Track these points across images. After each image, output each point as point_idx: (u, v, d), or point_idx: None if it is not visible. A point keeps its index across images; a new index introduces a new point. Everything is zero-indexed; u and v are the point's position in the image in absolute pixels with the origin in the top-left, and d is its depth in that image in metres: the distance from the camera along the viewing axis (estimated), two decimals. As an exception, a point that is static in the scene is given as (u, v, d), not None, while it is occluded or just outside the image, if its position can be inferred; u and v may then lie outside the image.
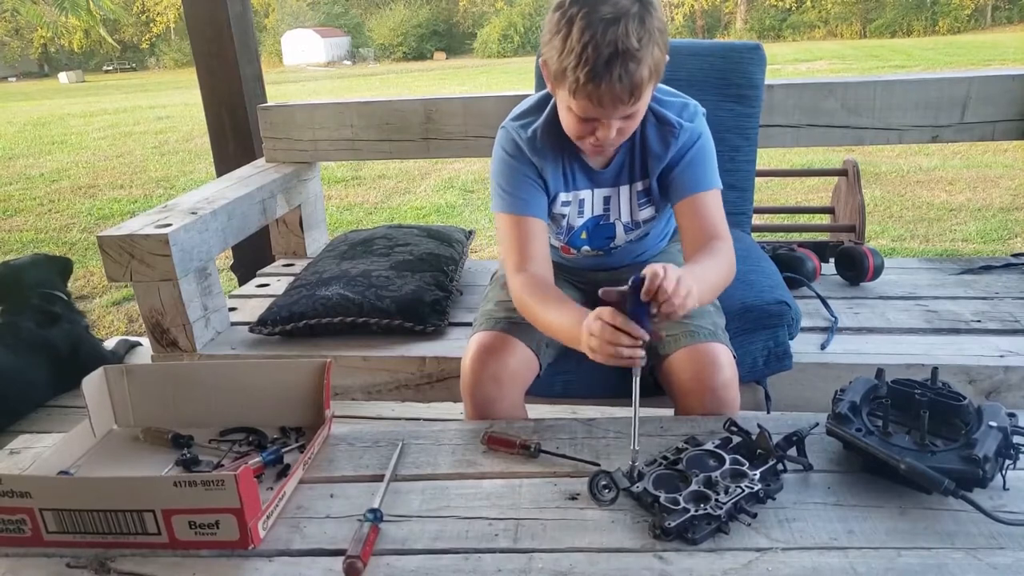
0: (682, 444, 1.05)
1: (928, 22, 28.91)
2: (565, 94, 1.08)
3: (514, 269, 1.22)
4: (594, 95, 1.04)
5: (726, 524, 0.90)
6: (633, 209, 1.30)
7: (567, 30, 1.02)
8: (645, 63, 1.03)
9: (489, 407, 1.21)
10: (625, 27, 1.00)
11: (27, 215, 5.44)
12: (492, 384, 1.21)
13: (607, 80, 1.02)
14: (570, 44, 1.02)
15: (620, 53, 1.00)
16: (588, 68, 1.01)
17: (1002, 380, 1.44)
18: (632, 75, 1.02)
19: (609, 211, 1.31)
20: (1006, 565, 0.83)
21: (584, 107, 1.07)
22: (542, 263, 1.23)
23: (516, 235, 1.23)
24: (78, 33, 27.14)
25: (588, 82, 1.02)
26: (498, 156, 1.27)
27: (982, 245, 3.75)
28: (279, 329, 1.69)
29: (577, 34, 1.01)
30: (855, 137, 1.96)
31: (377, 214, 5.09)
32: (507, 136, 1.26)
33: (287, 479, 1.03)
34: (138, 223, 1.67)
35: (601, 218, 1.31)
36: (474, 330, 1.31)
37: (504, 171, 1.25)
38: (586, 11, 1.01)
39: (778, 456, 1.00)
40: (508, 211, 1.24)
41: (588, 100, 1.05)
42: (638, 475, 0.99)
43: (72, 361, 1.99)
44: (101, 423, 1.21)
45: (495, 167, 1.27)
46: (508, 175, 1.25)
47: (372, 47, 35.70)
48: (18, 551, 0.94)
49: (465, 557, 0.89)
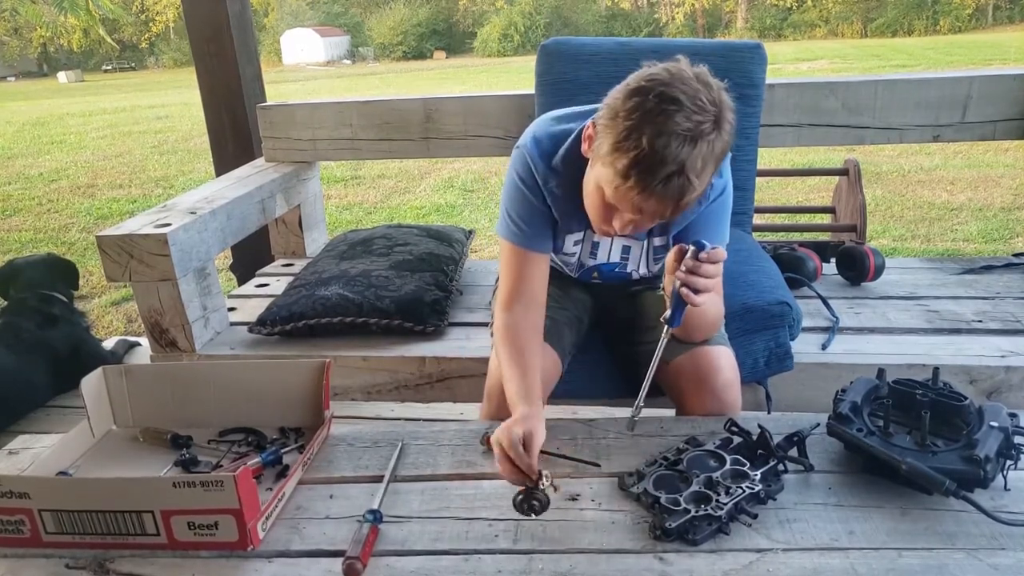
0: (683, 445, 1.05)
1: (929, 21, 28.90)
2: (605, 176, 1.01)
3: (502, 305, 1.19)
4: (637, 200, 0.99)
5: (727, 525, 0.90)
6: (649, 261, 1.28)
7: (638, 124, 0.95)
8: (699, 189, 0.99)
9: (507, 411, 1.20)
10: (697, 150, 0.95)
11: (26, 215, 5.44)
12: None
13: (658, 193, 0.97)
14: (636, 140, 0.95)
15: (681, 174, 0.95)
16: (646, 175, 0.95)
17: (1003, 380, 1.43)
18: (682, 196, 0.98)
19: (628, 260, 1.28)
20: (1007, 566, 0.83)
21: (621, 201, 1.02)
22: (533, 301, 1.19)
23: (515, 268, 1.19)
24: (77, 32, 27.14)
25: (639, 187, 0.97)
26: (511, 181, 1.20)
27: (983, 245, 3.75)
28: (278, 329, 1.69)
29: (650, 136, 0.94)
30: (856, 136, 1.96)
31: (377, 214, 5.09)
32: (524, 162, 1.18)
33: (286, 480, 1.03)
34: (137, 223, 1.67)
35: (617, 265, 1.29)
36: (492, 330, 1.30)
37: (515, 198, 1.19)
38: (665, 117, 0.94)
39: (779, 457, 0.99)
40: (512, 241, 1.20)
41: (629, 200, 1.00)
42: (638, 475, 0.99)
43: (72, 362, 1.98)
44: (100, 423, 1.21)
45: (507, 191, 1.22)
46: (518, 204, 1.19)
47: (372, 46, 35.68)
48: (17, 552, 0.94)
49: (465, 558, 0.89)
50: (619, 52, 1.74)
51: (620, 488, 0.99)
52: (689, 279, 0.99)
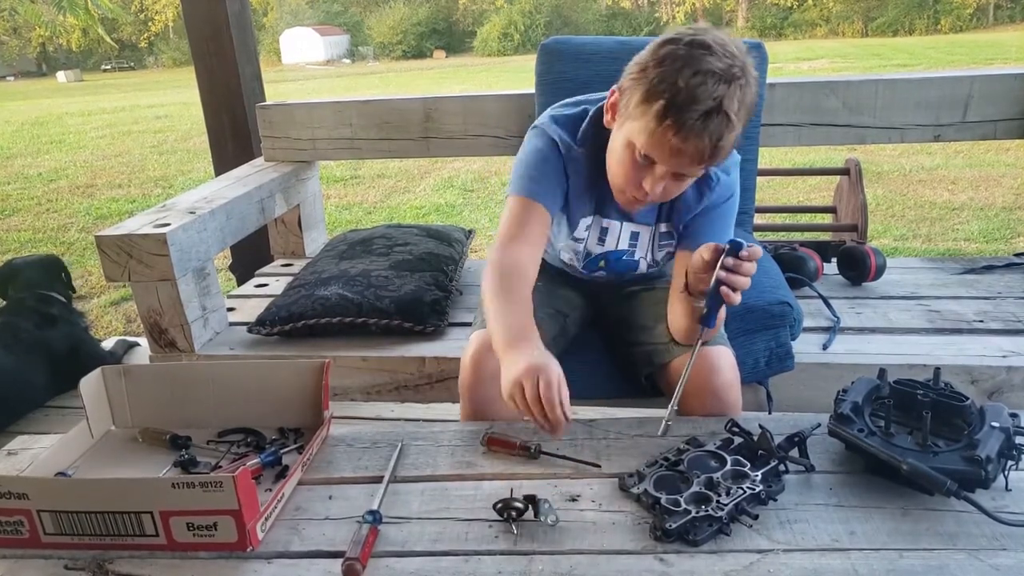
0: (683, 445, 1.05)
1: (930, 21, 28.89)
2: (638, 128, 1.02)
3: (500, 242, 1.17)
4: (675, 142, 0.99)
5: (727, 525, 0.90)
6: (655, 248, 1.29)
7: (675, 66, 0.97)
8: (735, 133, 0.99)
9: (487, 407, 1.20)
10: (731, 89, 0.97)
11: (25, 215, 5.44)
12: (492, 383, 1.18)
13: (696, 131, 0.97)
14: (671, 83, 0.96)
15: (719, 111, 0.96)
16: (683, 113, 0.96)
17: (1004, 380, 1.43)
18: (722, 138, 0.98)
19: (636, 247, 1.28)
20: (1008, 566, 0.83)
21: (657, 148, 1.01)
22: (531, 247, 1.17)
23: (519, 214, 1.18)
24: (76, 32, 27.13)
25: (677, 126, 0.97)
26: (533, 147, 1.21)
27: (984, 245, 3.74)
28: (278, 329, 1.68)
29: (685, 76, 0.95)
30: (857, 136, 1.96)
31: (376, 213, 5.09)
32: (545, 136, 1.21)
33: (285, 480, 1.02)
34: (136, 223, 1.66)
35: (625, 253, 1.29)
36: (475, 327, 1.30)
37: (534, 160, 1.20)
38: (701, 56, 0.96)
39: (780, 457, 0.99)
40: (521, 193, 1.19)
41: (666, 144, 1.00)
42: (639, 476, 0.99)
43: (71, 361, 1.98)
44: (99, 424, 1.20)
45: (525, 156, 1.22)
46: (537, 164, 1.20)
47: (371, 45, 35.66)
48: (16, 553, 0.94)
49: (465, 559, 0.88)
50: (619, 51, 1.73)
51: (620, 489, 0.99)
52: (731, 278, 1.00)
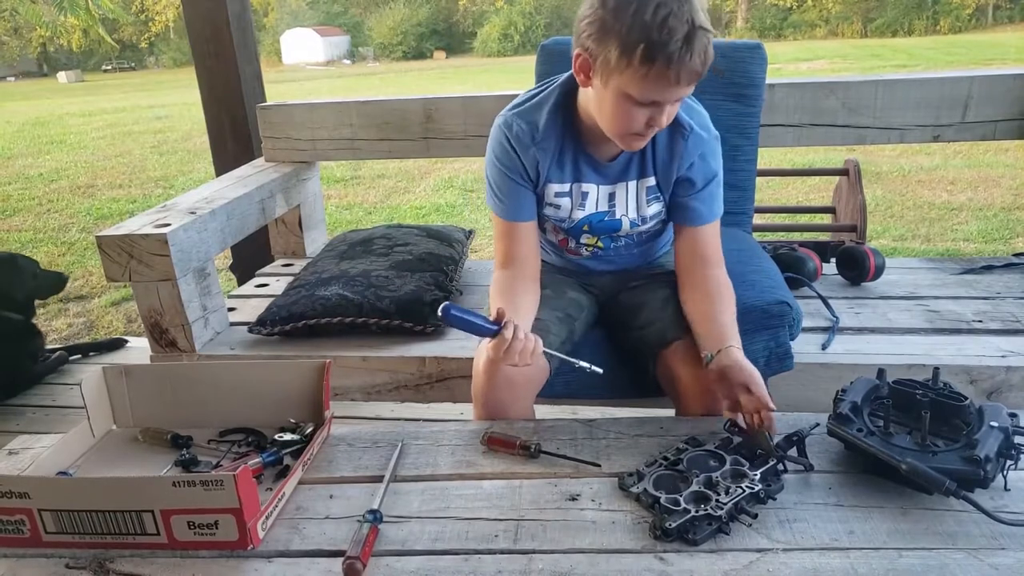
0: (682, 444, 1.05)
1: (929, 21, 28.87)
2: (628, 79, 1.04)
3: (498, 266, 1.30)
4: (673, 74, 1.01)
5: (727, 524, 0.90)
6: (640, 204, 1.30)
7: (632, 8, 1.00)
8: (710, 35, 1.03)
9: (500, 412, 1.21)
10: (690, 5, 1.00)
11: (26, 215, 5.44)
12: (506, 389, 1.20)
13: (688, 55, 1.00)
14: (644, 20, 0.99)
15: (697, 28, 1.00)
16: (671, 43, 0.99)
17: (1003, 380, 1.43)
18: (706, 50, 1.02)
19: (615, 207, 1.30)
20: (1007, 566, 0.83)
21: (656, 89, 1.04)
22: (524, 262, 1.29)
23: (506, 236, 1.29)
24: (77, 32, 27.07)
25: (667, 62, 1.00)
26: (489, 158, 1.28)
27: (983, 245, 3.75)
28: (278, 329, 1.68)
29: (652, 10, 0.99)
30: (856, 136, 1.96)
31: (376, 214, 5.09)
32: (499, 134, 1.25)
33: (286, 480, 1.03)
34: (137, 223, 1.67)
35: (606, 214, 1.31)
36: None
37: (495, 174, 1.27)
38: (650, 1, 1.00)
39: (778, 456, 0.99)
40: (498, 214, 1.29)
41: (664, 81, 1.03)
42: (638, 475, 0.99)
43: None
44: (100, 424, 1.21)
45: (488, 165, 1.29)
46: (498, 180, 1.27)
47: (371, 46, 35.64)
48: (17, 552, 0.94)
49: (465, 558, 0.89)
50: (619, 52, 1.73)
51: (620, 488, 0.99)
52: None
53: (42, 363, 2.27)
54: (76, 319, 3.32)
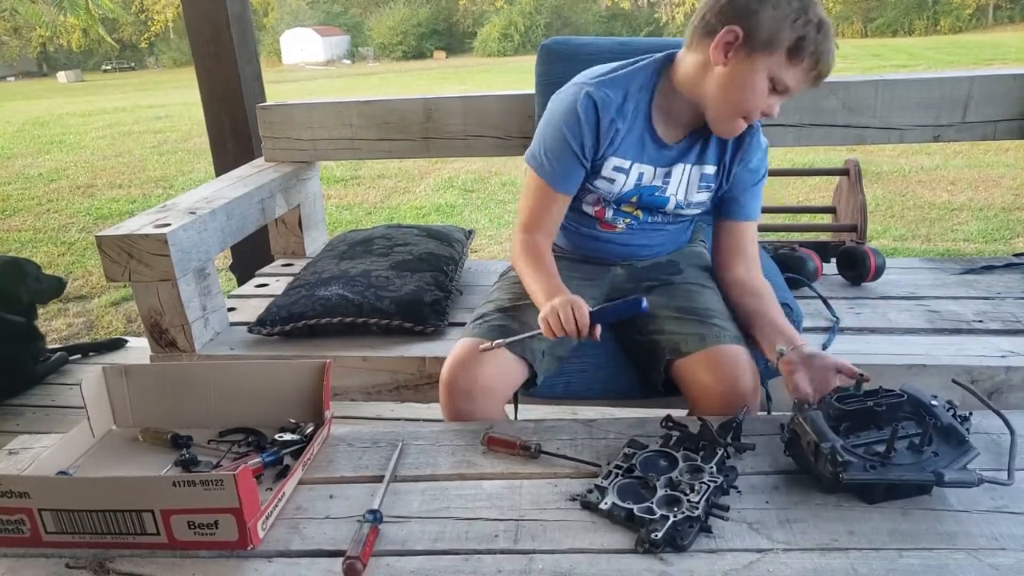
0: (628, 449, 1.04)
1: (930, 21, 28.90)
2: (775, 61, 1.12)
3: (523, 227, 1.33)
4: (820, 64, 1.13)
5: (706, 522, 0.90)
6: (691, 189, 1.33)
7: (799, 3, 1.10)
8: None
9: (463, 417, 1.22)
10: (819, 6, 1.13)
11: (25, 215, 5.44)
12: (464, 397, 1.22)
13: (829, 52, 1.13)
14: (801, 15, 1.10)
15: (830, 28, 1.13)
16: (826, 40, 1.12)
17: (1004, 380, 1.43)
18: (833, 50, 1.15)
19: (668, 184, 1.32)
20: (1007, 566, 0.83)
21: (799, 75, 1.13)
22: (549, 233, 1.34)
23: (540, 200, 1.31)
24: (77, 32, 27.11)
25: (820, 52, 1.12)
26: (555, 121, 1.27)
27: (984, 245, 3.75)
28: (278, 329, 1.68)
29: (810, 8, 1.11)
30: (856, 136, 1.96)
31: (376, 214, 5.09)
32: (577, 99, 1.24)
33: (286, 479, 1.03)
34: (137, 223, 1.67)
35: (657, 189, 1.33)
36: (465, 331, 1.31)
37: (554, 137, 1.27)
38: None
39: (723, 444, 1.00)
40: (542, 177, 1.30)
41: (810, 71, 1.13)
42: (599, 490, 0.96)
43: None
44: (100, 423, 1.21)
45: (548, 128, 1.29)
46: (556, 144, 1.27)
47: (371, 46, 35.67)
48: (17, 551, 0.94)
49: (465, 558, 0.89)
50: (619, 52, 1.73)
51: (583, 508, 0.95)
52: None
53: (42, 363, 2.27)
54: (76, 319, 3.32)
